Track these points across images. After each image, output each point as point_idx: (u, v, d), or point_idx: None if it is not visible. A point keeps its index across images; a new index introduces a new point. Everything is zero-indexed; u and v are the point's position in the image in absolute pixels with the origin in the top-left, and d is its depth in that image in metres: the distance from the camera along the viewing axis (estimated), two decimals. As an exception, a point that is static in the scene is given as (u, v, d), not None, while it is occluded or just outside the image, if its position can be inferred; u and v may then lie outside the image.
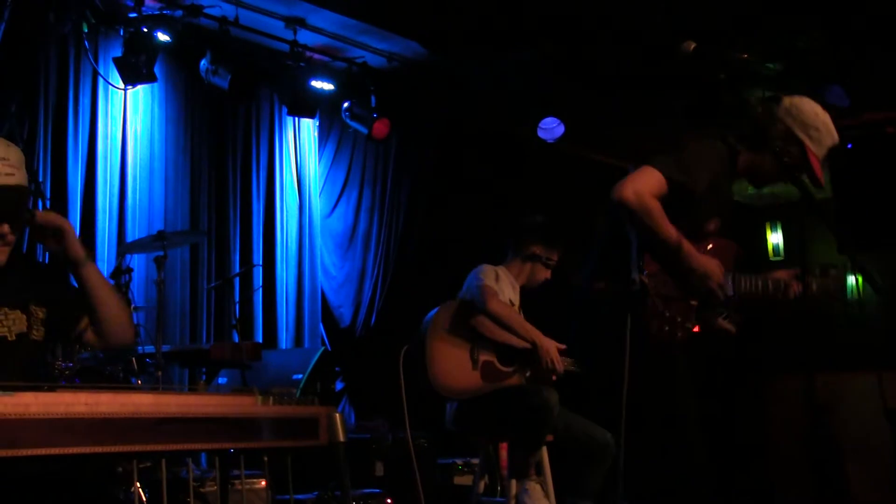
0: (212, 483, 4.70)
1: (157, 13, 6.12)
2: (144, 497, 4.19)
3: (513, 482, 4.67)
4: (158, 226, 6.32)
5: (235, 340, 5.95)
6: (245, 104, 7.06)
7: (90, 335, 2.94)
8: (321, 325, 7.63)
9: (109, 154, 6.30)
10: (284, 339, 7.27)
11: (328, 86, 7.18)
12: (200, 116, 6.92)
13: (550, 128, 7.96)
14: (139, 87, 6.35)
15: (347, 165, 7.97)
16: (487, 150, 8.30)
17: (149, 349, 5.03)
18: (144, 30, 5.98)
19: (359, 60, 7.26)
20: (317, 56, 7.13)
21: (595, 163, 8.74)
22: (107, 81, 6.23)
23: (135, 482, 3.82)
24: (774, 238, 10.54)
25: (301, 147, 7.65)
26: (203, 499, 4.66)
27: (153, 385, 4.85)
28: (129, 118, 6.45)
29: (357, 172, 8.00)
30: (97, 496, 2.65)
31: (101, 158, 6.23)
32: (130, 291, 5.15)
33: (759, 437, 8.12)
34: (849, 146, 7.62)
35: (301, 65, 6.90)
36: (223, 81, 6.38)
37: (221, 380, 5.90)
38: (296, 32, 6.76)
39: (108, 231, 6.20)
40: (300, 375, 5.93)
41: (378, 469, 6.00)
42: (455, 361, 4.65)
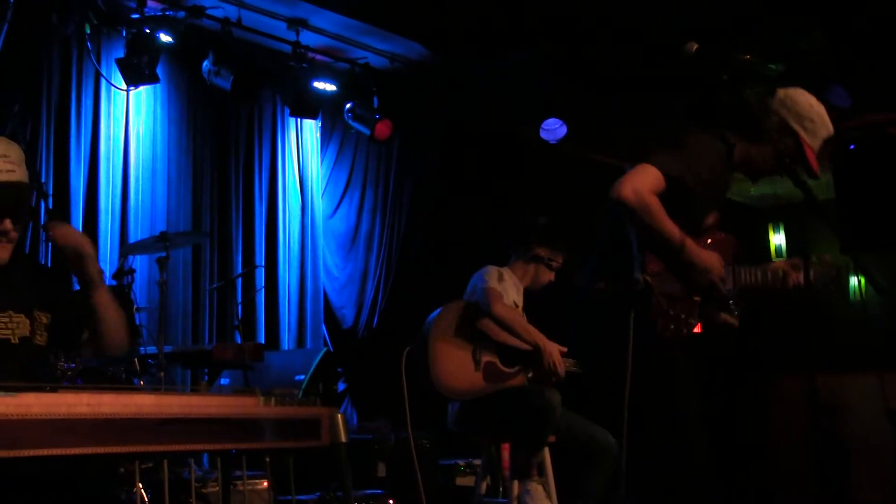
0: (214, 484, 4.70)
1: (160, 14, 6.11)
2: (146, 498, 4.19)
3: (515, 483, 4.67)
4: (161, 227, 6.32)
5: (238, 341, 5.95)
6: (247, 105, 7.05)
7: (88, 344, 3.00)
8: (323, 326, 7.63)
9: (112, 155, 6.30)
10: (287, 340, 7.26)
11: (330, 87, 7.17)
12: (203, 117, 6.92)
13: (553, 129, 7.96)
14: (142, 88, 6.34)
15: (350, 166, 7.96)
16: (490, 151, 8.29)
17: (151, 350, 5.03)
18: (147, 31, 5.98)
19: (361, 61, 7.26)
20: (319, 57, 7.12)
21: (595, 163, 8.73)
22: (109, 82, 6.23)
23: (137, 483, 3.82)
24: (777, 239, 10.55)
25: (303, 148, 7.65)
26: (205, 499, 4.66)
27: (155, 386, 4.85)
28: (132, 119, 6.45)
29: (359, 173, 7.99)
30: (98, 496, 2.66)
31: (104, 159, 6.23)
32: (133, 292, 5.14)
33: (760, 437, 8.12)
34: (851, 147, 7.61)
35: (303, 66, 6.89)
36: (225, 82, 6.38)
37: (224, 381, 5.89)
38: (298, 33, 6.76)
39: (111, 232, 6.21)
40: (302, 376, 5.93)
41: (380, 470, 6.00)
42: (457, 362, 4.65)
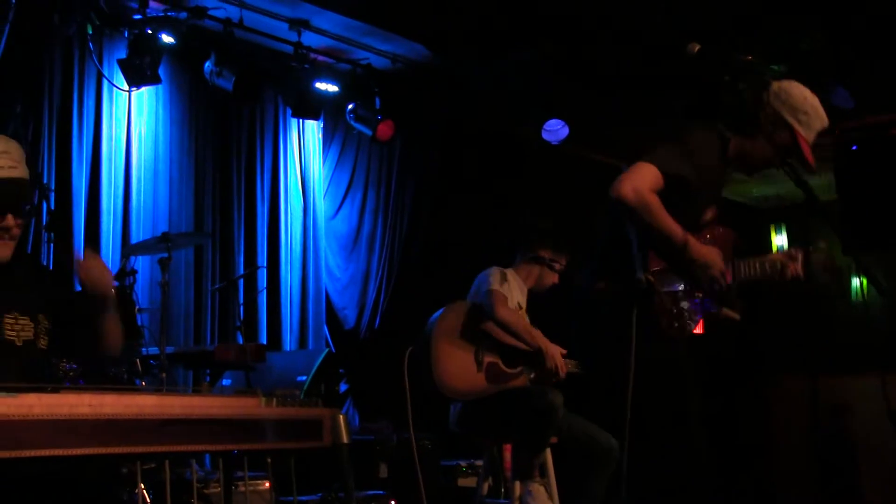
0: (215, 484, 4.69)
1: (162, 15, 6.12)
2: (148, 498, 4.19)
3: (516, 484, 4.67)
4: (163, 227, 6.32)
5: (240, 342, 5.95)
6: (249, 106, 7.05)
7: (85, 346, 3.04)
8: (325, 327, 7.62)
9: (114, 156, 6.30)
10: (288, 341, 7.26)
11: (332, 87, 7.17)
12: (205, 118, 6.92)
13: (555, 129, 7.96)
14: (143, 89, 6.34)
15: (352, 167, 7.96)
16: (492, 152, 8.29)
17: (153, 351, 5.03)
18: (149, 31, 5.99)
19: (363, 62, 7.26)
20: (321, 58, 7.13)
21: (596, 163, 8.73)
22: (111, 83, 6.23)
23: (139, 483, 3.81)
24: (779, 240, 10.55)
25: (305, 149, 7.64)
26: (206, 500, 4.65)
27: (157, 386, 4.85)
28: (134, 120, 6.45)
29: (361, 174, 7.99)
30: (100, 497, 2.65)
31: (106, 160, 6.23)
32: (135, 293, 5.15)
33: (761, 438, 8.12)
34: (853, 148, 7.61)
35: (305, 66, 6.89)
36: (227, 83, 6.38)
37: (225, 381, 5.89)
38: (300, 34, 6.76)
39: (113, 233, 6.21)
40: (304, 377, 5.93)
41: (382, 471, 6.00)
42: (460, 363, 4.65)
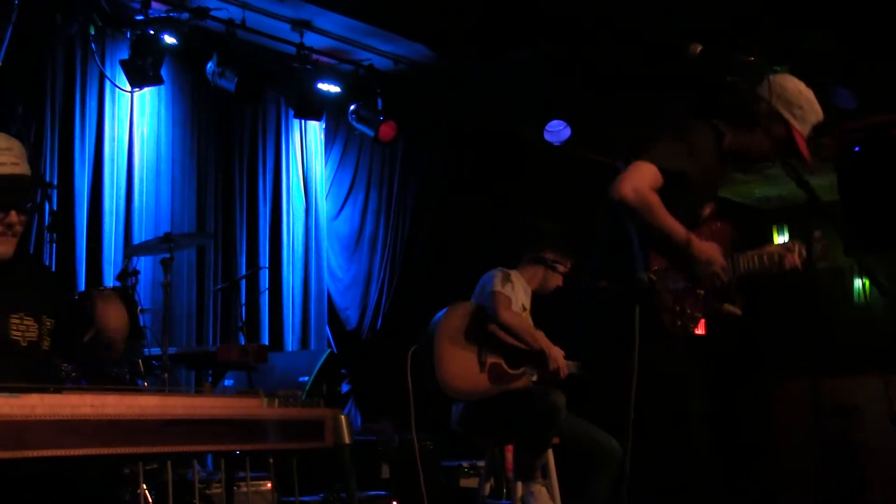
0: (217, 485, 4.70)
1: (164, 15, 6.12)
2: (150, 499, 4.20)
3: (518, 484, 4.67)
4: (165, 228, 6.32)
5: (242, 342, 5.95)
6: (251, 107, 7.05)
7: (85, 347, 3.03)
8: (327, 328, 7.62)
9: (116, 156, 6.30)
10: (290, 342, 7.26)
11: (335, 88, 7.18)
12: (207, 119, 6.92)
13: (557, 130, 7.96)
14: (146, 90, 6.35)
15: (354, 168, 7.96)
16: (494, 152, 8.29)
17: (155, 351, 5.03)
18: (151, 32, 5.99)
19: (365, 63, 7.26)
20: (323, 58, 7.12)
21: (596, 163, 8.72)
22: (113, 84, 6.23)
23: (141, 484, 3.82)
24: (781, 241, 10.54)
25: (307, 149, 7.65)
26: (208, 500, 4.66)
27: (159, 387, 4.86)
28: (136, 121, 6.45)
29: (363, 175, 7.99)
30: (101, 497, 2.66)
31: (108, 161, 6.24)
32: (137, 294, 5.16)
33: (763, 438, 8.13)
34: (856, 149, 7.61)
35: (307, 67, 6.89)
36: (230, 84, 6.38)
37: (227, 382, 5.90)
38: (302, 35, 6.76)
39: (115, 233, 6.21)
40: (306, 377, 5.93)
41: (384, 471, 6.00)
42: (463, 363, 4.65)
